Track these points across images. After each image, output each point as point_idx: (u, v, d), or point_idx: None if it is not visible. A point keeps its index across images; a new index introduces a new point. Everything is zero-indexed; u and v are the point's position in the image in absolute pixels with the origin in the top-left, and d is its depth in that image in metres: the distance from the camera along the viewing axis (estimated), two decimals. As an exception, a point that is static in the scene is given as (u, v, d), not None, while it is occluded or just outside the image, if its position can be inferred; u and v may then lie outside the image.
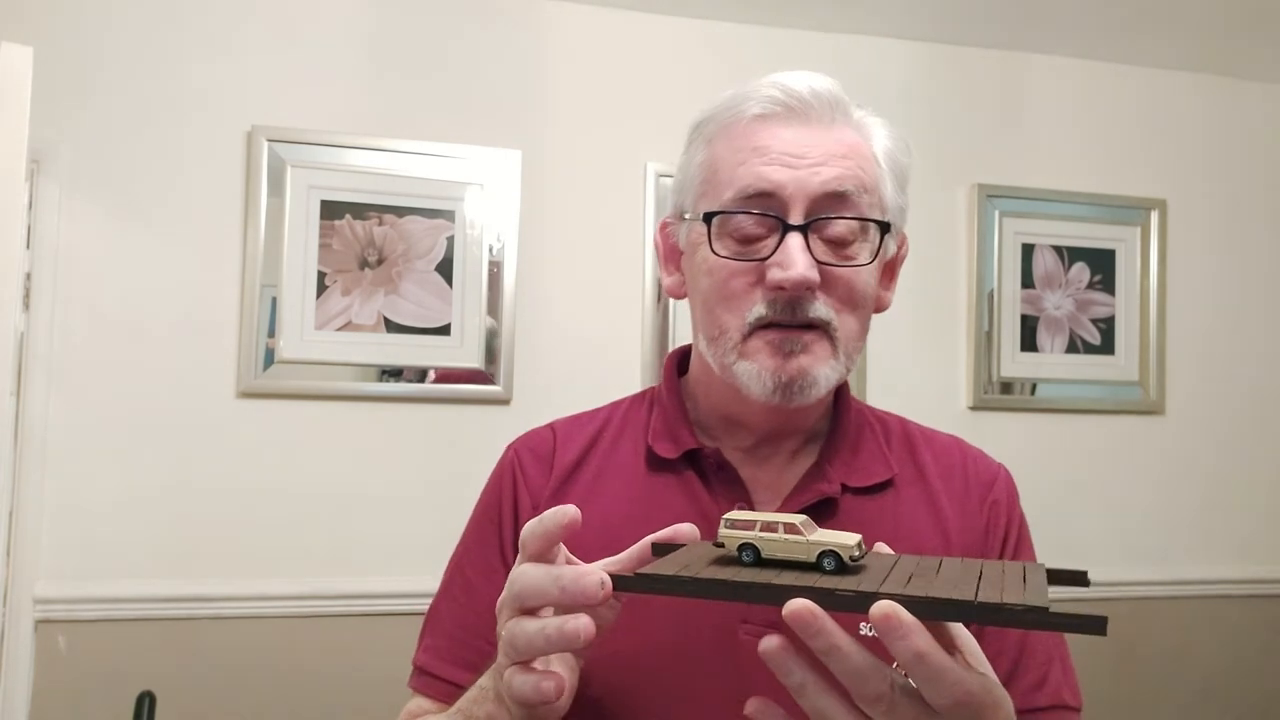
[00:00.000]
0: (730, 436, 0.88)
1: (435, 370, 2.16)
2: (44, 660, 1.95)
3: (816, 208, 0.80)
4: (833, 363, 0.81)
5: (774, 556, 0.58)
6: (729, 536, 0.59)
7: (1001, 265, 2.47)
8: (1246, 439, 2.63)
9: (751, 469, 0.86)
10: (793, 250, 0.78)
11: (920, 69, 2.48)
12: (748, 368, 0.81)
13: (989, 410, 2.45)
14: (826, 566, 0.56)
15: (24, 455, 1.94)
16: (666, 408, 0.90)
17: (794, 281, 0.78)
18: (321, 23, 2.16)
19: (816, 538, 0.57)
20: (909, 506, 0.86)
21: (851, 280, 0.81)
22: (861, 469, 0.87)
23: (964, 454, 0.92)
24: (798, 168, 0.80)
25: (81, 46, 2.04)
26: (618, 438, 0.91)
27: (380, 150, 2.15)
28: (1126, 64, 2.60)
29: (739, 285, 0.81)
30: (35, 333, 1.97)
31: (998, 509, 0.88)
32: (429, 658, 0.88)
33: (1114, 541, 2.51)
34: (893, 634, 0.50)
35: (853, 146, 0.83)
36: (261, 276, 2.08)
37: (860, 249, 0.82)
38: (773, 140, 0.81)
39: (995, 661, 0.81)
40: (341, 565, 2.09)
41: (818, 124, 0.82)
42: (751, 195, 0.80)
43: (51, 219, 1.99)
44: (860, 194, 0.81)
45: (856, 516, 0.83)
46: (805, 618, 0.51)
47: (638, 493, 0.86)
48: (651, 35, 2.33)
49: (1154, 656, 2.49)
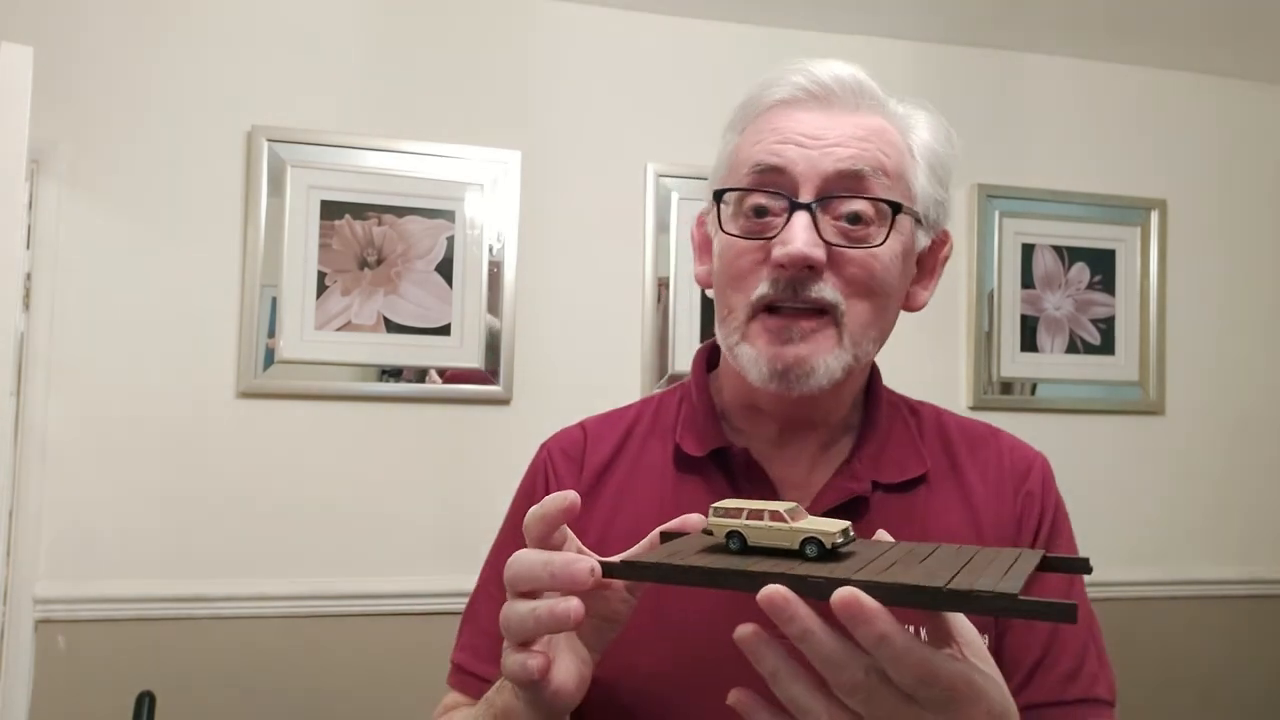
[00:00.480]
0: (755, 427, 0.87)
1: (435, 370, 2.17)
2: (44, 660, 1.95)
3: (829, 187, 0.78)
4: (837, 351, 0.79)
5: (759, 544, 0.58)
6: (716, 524, 0.60)
7: (1001, 265, 2.47)
8: (1247, 439, 2.63)
9: (781, 468, 0.85)
10: (795, 227, 0.77)
11: (920, 69, 2.48)
12: (747, 351, 0.80)
13: (989, 410, 2.45)
14: (809, 553, 0.57)
15: (24, 455, 1.94)
16: (695, 403, 0.89)
17: (791, 257, 0.76)
18: (321, 23, 2.16)
19: (801, 525, 0.58)
20: (941, 502, 0.85)
21: (865, 263, 0.79)
22: (893, 464, 0.85)
23: (999, 444, 0.90)
24: (811, 148, 0.79)
25: (81, 46, 2.04)
26: (648, 436, 0.90)
27: (380, 150, 2.15)
28: (1126, 64, 2.60)
29: (746, 264, 0.80)
30: (35, 333, 1.96)
31: (1031, 499, 0.86)
32: (466, 656, 0.88)
33: (1114, 541, 2.50)
34: (855, 620, 0.50)
35: (876, 131, 0.81)
36: (261, 276, 2.08)
37: (877, 233, 0.79)
38: (791, 122, 0.80)
39: (1023, 652, 0.80)
40: (341, 565, 2.09)
41: (840, 110, 0.81)
42: (762, 171, 0.79)
43: (51, 219, 1.99)
44: (878, 176, 0.79)
45: (886, 514, 0.82)
46: (778, 603, 0.51)
47: (666, 494, 0.85)
48: (651, 35, 2.33)
49: (1154, 656, 2.49)
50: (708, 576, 0.55)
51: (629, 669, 0.74)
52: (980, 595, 0.50)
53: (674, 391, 0.94)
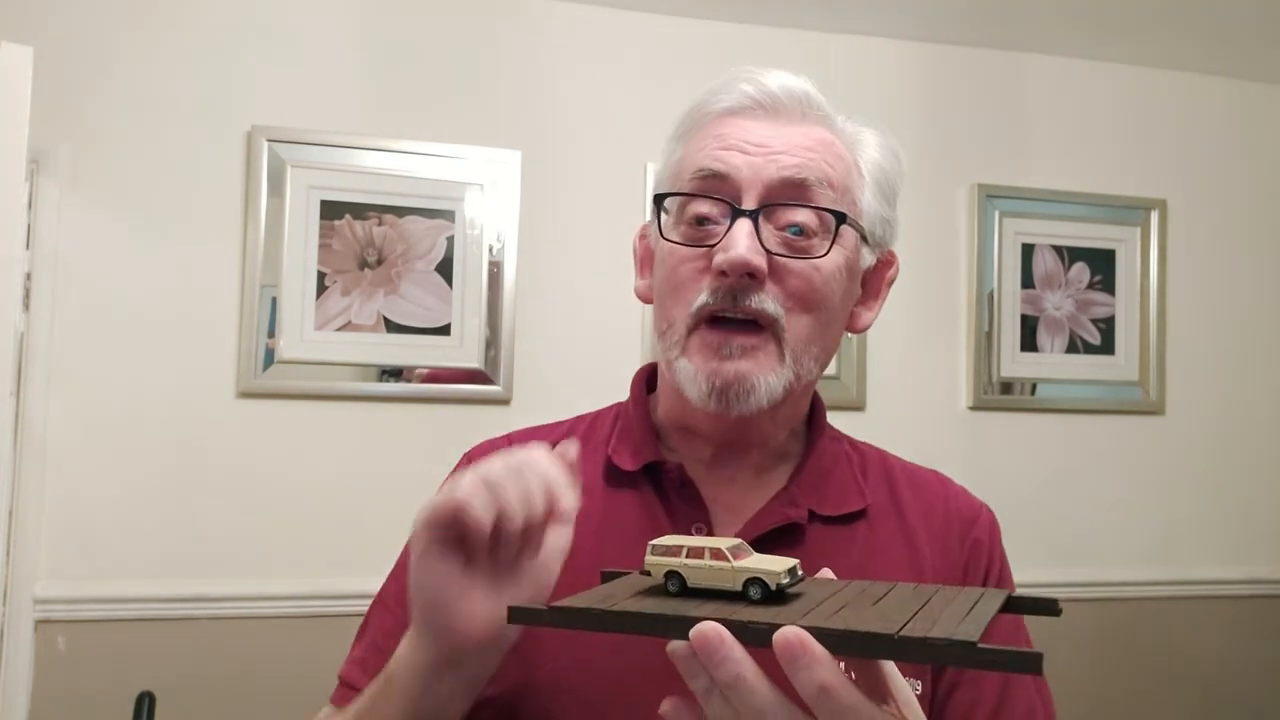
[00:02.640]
0: (689, 448, 0.84)
1: (431, 369, 2.17)
2: (44, 660, 1.95)
3: (772, 195, 0.76)
4: (778, 369, 0.76)
5: (699, 585, 0.54)
6: (654, 564, 0.56)
7: (1001, 265, 2.47)
8: (1246, 439, 2.62)
9: (714, 489, 0.82)
10: (737, 234, 0.74)
11: (920, 69, 2.48)
12: (685, 367, 0.77)
13: (989, 410, 2.45)
14: (753, 595, 0.53)
15: (24, 455, 1.94)
16: (630, 419, 0.86)
17: (731, 263, 0.74)
18: (322, 23, 2.16)
19: (744, 564, 0.54)
20: (882, 540, 0.81)
21: (805, 274, 0.77)
22: (832, 497, 0.82)
23: (946, 490, 0.88)
24: (755, 154, 0.77)
25: (81, 46, 2.04)
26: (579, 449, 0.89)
27: (380, 150, 2.15)
28: (1126, 64, 2.60)
29: (687, 272, 0.78)
30: (35, 333, 1.96)
31: (979, 548, 0.84)
32: (354, 670, 0.82)
33: (1114, 541, 2.50)
34: (795, 663, 0.46)
35: (822, 143, 0.79)
36: (261, 276, 2.08)
37: (820, 245, 0.77)
38: (736, 129, 0.79)
39: (973, 710, 0.76)
40: (341, 565, 2.09)
41: (786, 120, 0.79)
42: (705, 177, 0.78)
43: (51, 219, 1.99)
44: (822, 187, 0.77)
45: (823, 546, 0.78)
46: (712, 641, 0.48)
47: (594, 509, 0.79)
48: (651, 35, 2.33)
49: (1154, 656, 2.49)
50: (642, 623, 0.52)
51: (536, 681, 0.71)
52: (935, 643, 0.46)
53: (609, 409, 0.91)
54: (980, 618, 0.49)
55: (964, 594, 0.54)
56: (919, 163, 2.46)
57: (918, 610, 0.50)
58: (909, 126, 2.43)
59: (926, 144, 2.44)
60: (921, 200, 2.42)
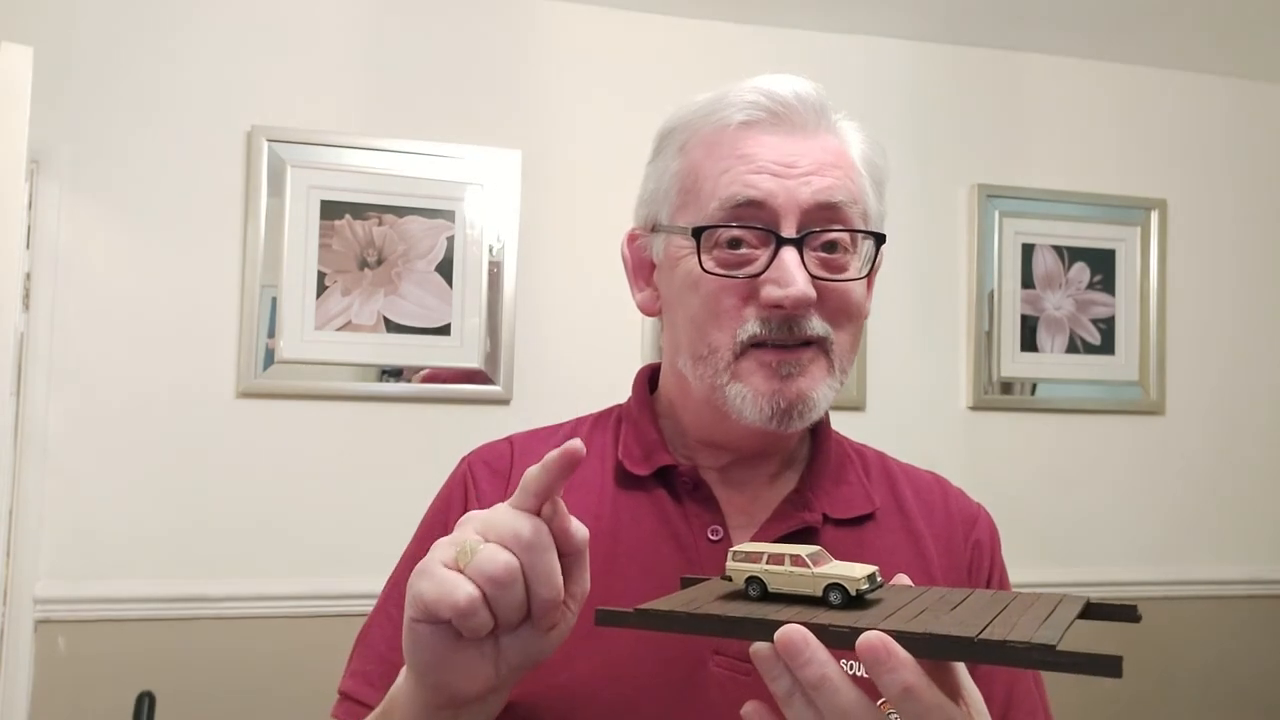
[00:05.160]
0: (705, 454, 0.84)
1: (431, 369, 2.17)
2: (44, 660, 1.95)
3: (808, 220, 0.76)
4: (829, 381, 0.77)
5: (780, 590, 0.56)
6: (735, 570, 0.57)
7: (1001, 265, 2.47)
8: (1246, 439, 2.62)
9: (727, 491, 0.82)
10: (790, 267, 0.74)
11: (920, 69, 2.48)
12: (740, 390, 0.76)
13: (989, 410, 2.45)
14: (833, 600, 0.54)
15: (24, 455, 1.94)
16: (639, 424, 0.85)
17: (794, 300, 0.74)
18: (321, 23, 2.16)
19: (824, 570, 0.55)
20: (890, 540, 0.82)
21: (845, 295, 0.78)
22: (844, 500, 0.83)
23: (945, 491, 0.89)
24: (787, 177, 0.76)
25: (81, 46, 2.04)
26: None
27: (380, 150, 2.15)
28: (1126, 64, 2.60)
29: (730, 302, 0.77)
30: (35, 333, 1.96)
31: (981, 549, 0.85)
32: (356, 683, 0.81)
33: (1114, 542, 2.51)
34: (880, 666, 0.48)
35: (839, 154, 0.80)
36: (261, 277, 2.08)
37: (851, 262, 0.78)
38: (759, 148, 0.77)
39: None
40: (341, 565, 2.08)
41: (803, 131, 0.79)
42: (740, 205, 0.76)
43: (51, 219, 1.99)
44: (851, 205, 0.78)
45: (835, 548, 0.78)
46: (797, 643, 0.49)
47: (605, 510, 0.80)
48: (651, 35, 2.33)
49: (1154, 656, 2.49)
50: (725, 625, 0.53)
51: (558, 686, 0.71)
52: (1015, 646, 0.47)
53: (609, 411, 0.91)
54: (1058, 623, 0.50)
55: (1041, 600, 0.55)
56: (919, 163, 2.47)
57: (996, 615, 0.51)
58: (909, 126, 2.43)
59: (926, 144, 2.44)
60: (921, 200, 2.42)
